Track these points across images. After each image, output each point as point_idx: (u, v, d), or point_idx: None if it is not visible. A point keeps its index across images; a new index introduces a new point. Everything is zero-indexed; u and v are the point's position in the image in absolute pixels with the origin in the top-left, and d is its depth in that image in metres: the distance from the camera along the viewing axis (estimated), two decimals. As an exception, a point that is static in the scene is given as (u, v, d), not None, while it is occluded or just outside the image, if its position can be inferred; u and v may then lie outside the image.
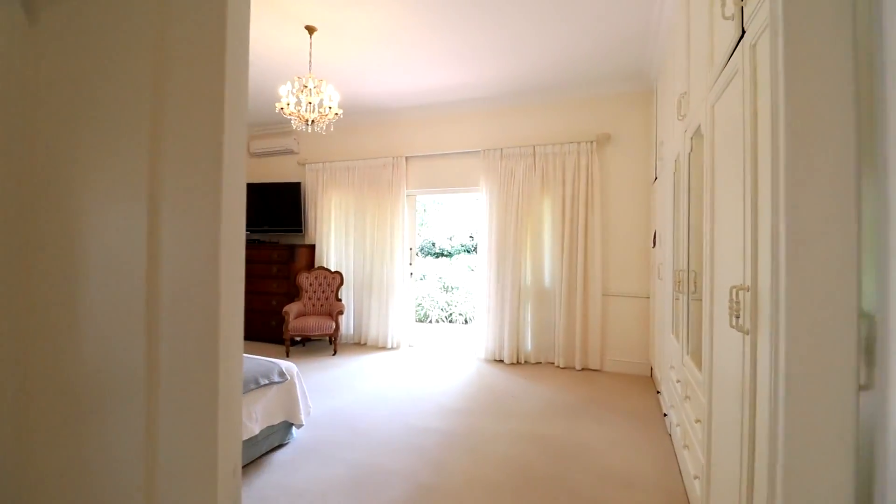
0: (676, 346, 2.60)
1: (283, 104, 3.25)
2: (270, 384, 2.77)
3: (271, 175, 6.42)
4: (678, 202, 2.78)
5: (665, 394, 3.19)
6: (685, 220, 2.39)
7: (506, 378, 4.35)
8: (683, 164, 2.43)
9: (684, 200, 2.39)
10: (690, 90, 2.32)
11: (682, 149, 2.47)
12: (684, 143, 2.42)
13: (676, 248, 2.72)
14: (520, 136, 5.01)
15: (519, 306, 4.88)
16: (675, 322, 2.75)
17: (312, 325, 5.09)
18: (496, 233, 4.99)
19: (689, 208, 2.35)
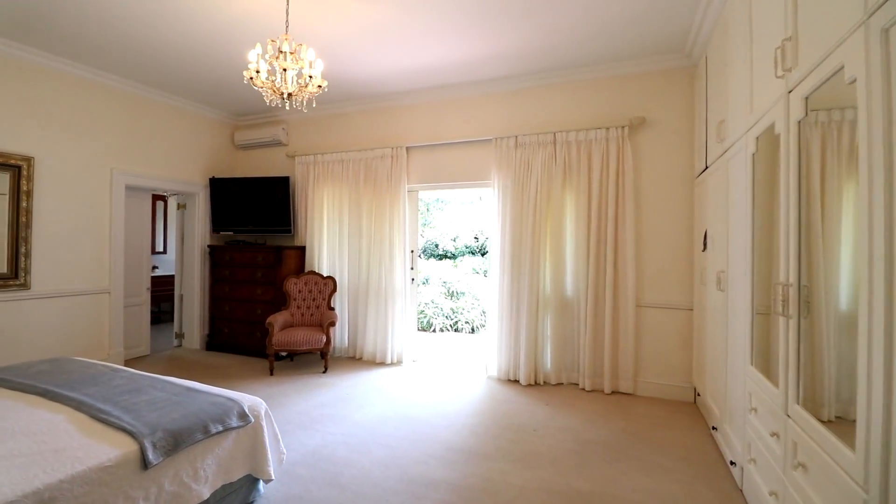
0: (770, 389, 1.93)
1: (252, 72, 2.59)
2: (227, 430, 2.11)
3: (258, 169, 5.78)
4: (767, 194, 2.12)
5: (736, 438, 2.52)
6: (792, 218, 1.72)
7: (524, 404, 3.68)
8: (789, 141, 1.76)
9: (792, 190, 1.72)
10: (802, 30, 1.66)
11: (784, 119, 1.80)
12: (789, 111, 1.75)
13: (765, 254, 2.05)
14: (538, 121, 4.34)
15: (537, 318, 4.21)
16: (764, 352, 2.08)
17: (300, 339, 4.44)
18: (510, 233, 4.32)
19: (800, 201, 1.68)
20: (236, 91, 4.81)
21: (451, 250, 10.57)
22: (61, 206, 4.14)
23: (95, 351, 4.42)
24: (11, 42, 3.67)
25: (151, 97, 4.87)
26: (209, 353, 5.34)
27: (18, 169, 3.81)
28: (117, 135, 4.59)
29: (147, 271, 5.33)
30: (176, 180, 5.22)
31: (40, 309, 4.00)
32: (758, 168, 2.22)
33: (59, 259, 4.13)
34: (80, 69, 4.17)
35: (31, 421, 1.96)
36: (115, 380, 2.52)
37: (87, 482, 1.59)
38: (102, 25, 3.41)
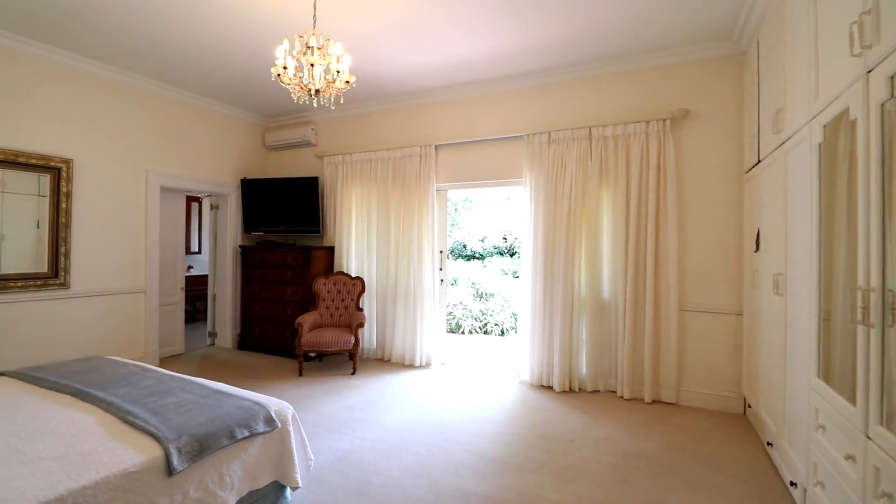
0: (845, 406, 1.71)
1: (280, 68, 2.54)
2: (253, 436, 2.05)
3: (288, 170, 5.81)
4: (834, 188, 1.90)
5: (797, 456, 2.29)
6: (874, 215, 1.51)
7: (558, 412, 3.51)
8: (869, 126, 1.55)
9: (874, 183, 1.52)
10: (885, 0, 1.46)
11: (862, 102, 1.59)
12: (870, 93, 1.55)
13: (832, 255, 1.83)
14: (572, 116, 4.16)
15: (571, 321, 4.02)
16: (833, 364, 1.86)
17: (329, 340, 4.41)
18: (542, 233, 4.15)
19: (884, 195, 1.48)
20: (267, 92, 4.83)
21: (479, 251, 10.42)
22: (99, 207, 4.24)
23: (131, 349, 4.51)
24: (52, 47, 3.77)
25: (185, 100, 4.95)
26: (241, 353, 5.40)
27: (58, 171, 3.92)
28: (152, 137, 4.68)
29: (181, 271, 5.43)
30: (209, 181, 5.30)
31: (79, 308, 4.11)
32: (825, 159, 2.00)
33: (97, 259, 4.23)
34: (117, 73, 4.27)
35: (61, 422, 1.96)
36: (146, 380, 2.52)
37: (111, 488, 1.55)
38: (137, 29, 3.45)
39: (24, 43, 3.63)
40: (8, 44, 3.57)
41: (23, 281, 3.75)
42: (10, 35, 3.53)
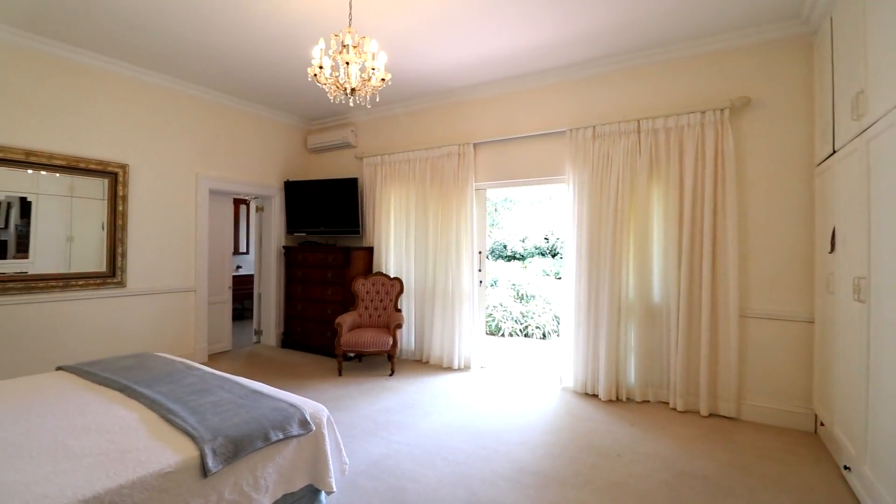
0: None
1: (316, 68, 2.52)
2: (287, 439, 2.03)
3: (328, 172, 5.89)
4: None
5: (884, 485, 2.00)
6: None
7: (604, 423, 3.31)
8: None
9: None
10: None
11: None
12: None
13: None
14: (618, 108, 3.93)
15: (619, 326, 3.79)
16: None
17: (367, 340, 4.40)
18: (587, 232, 3.95)
19: None
20: (307, 95, 4.90)
21: (519, 251, 10.21)
22: (152, 209, 4.44)
23: (182, 346, 4.70)
24: (108, 58, 3.98)
25: (231, 105, 5.11)
26: (284, 351, 5.51)
27: (115, 175, 4.13)
28: (201, 142, 4.86)
29: (229, 271, 5.62)
30: (254, 184, 5.45)
31: (134, 305, 4.31)
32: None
33: (150, 259, 4.43)
34: (167, 81, 4.46)
35: (106, 418, 2.01)
36: (189, 378, 2.56)
37: (146, 488, 1.55)
38: (183, 36, 3.57)
39: (83, 55, 3.85)
40: (69, 56, 3.80)
41: (84, 280, 3.97)
42: (70, 48, 3.75)
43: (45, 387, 2.44)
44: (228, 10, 3.16)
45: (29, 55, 3.58)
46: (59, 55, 3.74)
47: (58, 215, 3.87)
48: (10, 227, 3.64)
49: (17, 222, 3.67)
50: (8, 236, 3.63)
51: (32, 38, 3.54)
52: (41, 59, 3.65)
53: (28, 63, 3.58)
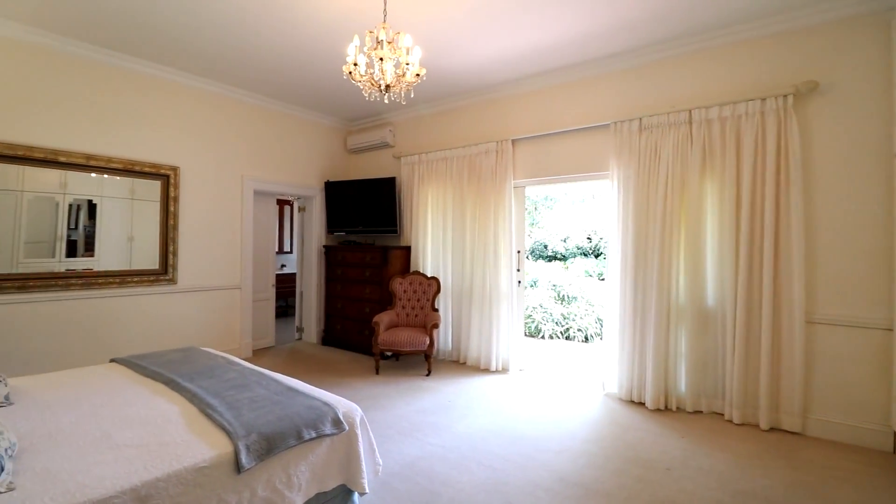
0: None
1: (350, 65, 2.51)
2: (320, 437, 2.01)
3: (367, 172, 5.94)
4: None
5: None
6: None
7: (652, 433, 3.11)
8: None
9: None
10: None
11: None
12: None
13: None
14: (668, 98, 3.69)
15: (668, 331, 3.56)
16: None
17: (404, 340, 4.39)
18: (633, 231, 3.74)
19: None
20: (346, 97, 4.95)
21: (560, 251, 9.92)
22: (200, 210, 4.62)
23: (228, 341, 4.87)
24: (160, 65, 4.18)
25: (274, 108, 5.25)
26: (324, 348, 5.61)
27: (167, 178, 4.33)
28: (246, 144, 5.02)
29: (272, 269, 5.78)
30: (296, 185, 5.58)
31: (184, 302, 4.51)
32: None
33: (199, 257, 4.62)
34: (214, 86, 4.63)
35: (150, 410, 2.07)
36: (229, 373, 2.62)
37: (182, 482, 1.57)
38: (227, 42, 3.67)
39: (137, 63, 4.05)
40: (123, 64, 4.01)
41: (139, 277, 4.19)
42: (124, 56, 3.96)
43: (99, 378, 2.56)
44: (269, 15, 3.22)
45: (87, 65, 3.81)
46: (115, 64, 3.95)
47: (120, 216, 4.11)
48: (79, 227, 3.89)
49: (86, 223, 3.92)
50: (77, 236, 3.88)
51: (90, 49, 3.76)
52: (98, 68, 3.88)
53: (86, 72, 3.81)
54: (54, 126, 3.65)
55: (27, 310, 3.55)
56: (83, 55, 3.76)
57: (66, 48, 3.66)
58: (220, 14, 3.24)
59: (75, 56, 3.73)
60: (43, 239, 3.71)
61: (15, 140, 3.46)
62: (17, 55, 3.46)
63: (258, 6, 3.13)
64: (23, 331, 3.53)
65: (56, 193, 3.75)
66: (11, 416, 1.93)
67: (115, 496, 1.42)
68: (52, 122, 3.64)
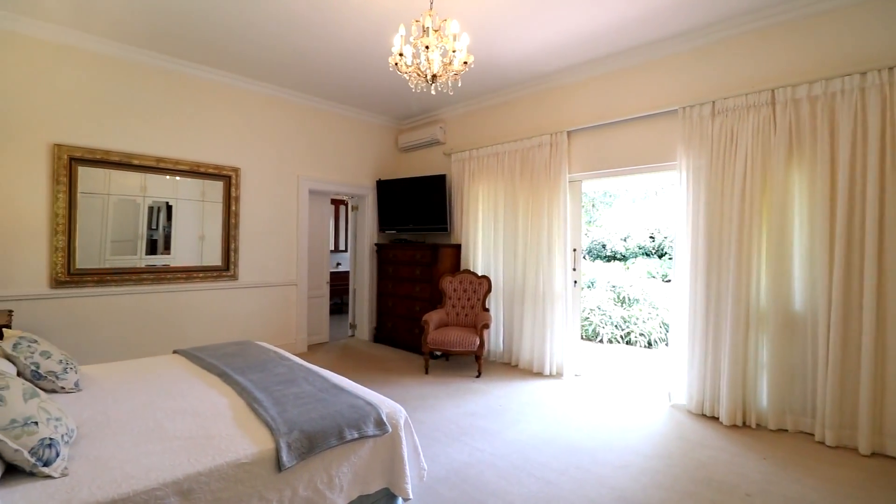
0: None
1: (396, 56, 2.44)
2: (362, 438, 1.95)
3: (418, 170, 5.91)
4: None
5: None
6: None
7: (727, 452, 2.78)
8: None
9: None
10: None
11: None
12: None
13: None
14: (746, 77, 3.31)
15: (746, 337, 3.19)
16: None
17: (453, 339, 4.29)
18: (704, 227, 3.39)
19: None
20: (397, 95, 4.94)
21: (620, 251, 9.40)
22: (259, 209, 4.79)
23: (284, 336, 5.01)
24: (219, 70, 4.36)
25: (328, 109, 5.35)
26: (375, 345, 5.64)
27: (229, 178, 4.52)
28: (302, 145, 5.15)
29: (327, 267, 5.90)
30: (349, 184, 5.66)
31: (244, 297, 4.69)
32: None
33: (258, 254, 4.79)
34: (271, 89, 4.78)
35: (202, 402, 2.11)
36: (279, 368, 2.64)
37: (223, 477, 1.56)
38: (283, 45, 3.75)
39: (199, 69, 4.26)
40: (186, 70, 4.23)
41: (203, 272, 4.41)
42: (188, 63, 4.17)
43: (161, 368, 2.67)
44: (318, 15, 3.24)
45: (154, 73, 4.05)
46: (179, 71, 4.18)
47: (192, 217, 4.36)
48: (158, 227, 4.18)
49: (164, 223, 4.20)
50: (157, 235, 4.17)
51: (156, 57, 3.99)
52: (165, 75, 4.11)
53: (154, 80, 4.05)
54: (127, 131, 3.91)
55: (104, 302, 3.83)
56: (150, 64, 4.00)
57: (135, 58, 3.91)
58: (272, 19, 3.31)
59: (144, 65, 3.98)
60: (127, 237, 4.01)
61: (94, 145, 3.74)
62: (94, 66, 3.73)
63: (307, 8, 3.16)
64: (99, 321, 3.81)
65: (137, 196, 4.04)
66: (77, 402, 2.04)
67: (158, 488, 1.42)
68: (125, 127, 3.91)
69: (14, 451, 1.33)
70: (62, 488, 1.33)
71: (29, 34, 3.41)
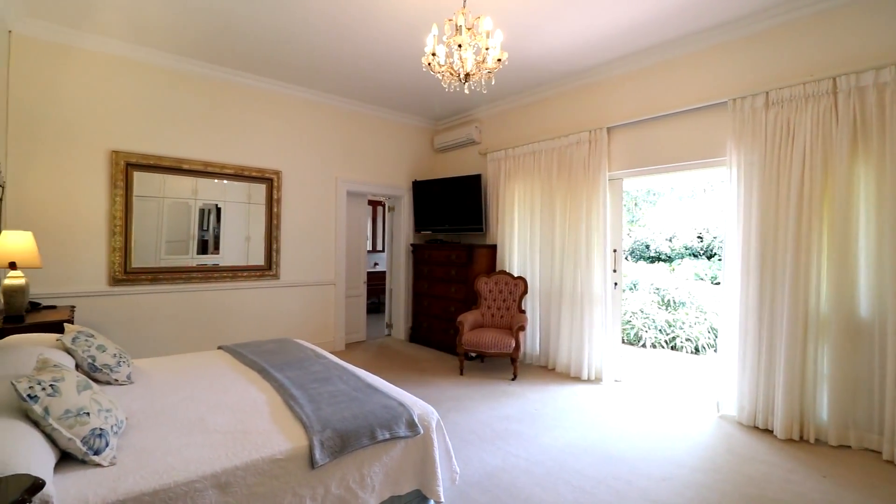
0: None
1: (429, 56, 2.43)
2: (394, 439, 1.95)
3: (453, 170, 5.90)
4: None
5: None
6: None
7: (782, 468, 2.59)
8: None
9: None
10: None
11: None
12: None
13: None
14: (803, 64, 3.07)
15: (805, 346, 2.96)
16: None
17: (488, 341, 4.24)
18: (757, 226, 3.18)
19: None
20: (432, 96, 4.95)
21: (665, 252, 9.02)
22: (299, 210, 4.93)
23: (323, 334, 5.13)
24: (261, 77, 4.52)
25: (365, 111, 5.43)
26: (411, 345, 5.67)
27: (271, 181, 4.68)
28: (340, 147, 5.26)
29: (364, 266, 5.99)
30: (386, 185, 5.72)
31: (285, 296, 4.84)
32: None
33: (298, 255, 4.93)
34: (309, 93, 4.91)
35: (242, 397, 2.18)
36: (315, 366, 2.69)
37: (258, 472, 1.59)
38: (320, 50, 3.83)
39: (242, 76, 4.43)
40: (232, 79, 4.40)
41: (247, 272, 4.58)
42: (231, 71, 4.34)
43: (206, 363, 2.79)
44: (352, 20, 3.28)
45: (201, 81, 4.24)
46: (223, 78, 4.35)
47: (239, 218, 4.56)
48: (209, 228, 4.40)
49: (214, 225, 4.42)
50: (208, 236, 4.39)
51: (202, 65, 4.18)
52: (210, 83, 4.30)
53: (201, 88, 4.24)
54: (177, 137, 4.12)
55: (156, 299, 4.05)
56: (198, 73, 4.19)
57: (184, 67, 4.11)
58: (310, 26, 3.39)
59: (192, 74, 4.18)
60: (180, 238, 4.24)
61: (147, 151, 3.96)
62: (146, 76, 3.96)
63: (342, 14, 3.21)
64: (151, 318, 4.03)
65: (189, 198, 4.26)
66: (128, 394, 2.16)
67: (197, 480, 1.47)
68: (175, 133, 4.12)
69: (68, 440, 1.41)
70: (109, 476, 1.40)
71: (88, 48, 3.66)
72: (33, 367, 1.63)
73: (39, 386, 1.45)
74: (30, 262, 2.83)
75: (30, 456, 1.25)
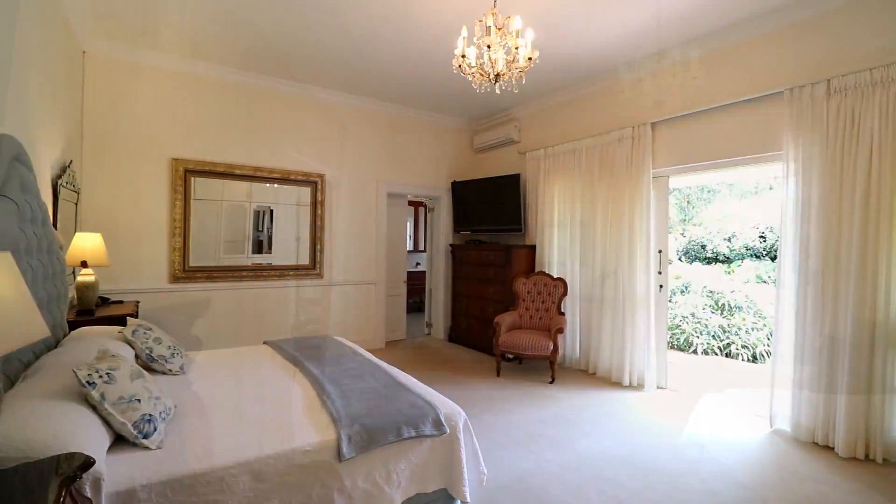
0: None
1: (459, 58, 2.44)
2: (420, 437, 1.98)
3: (492, 170, 5.87)
4: None
5: None
6: None
7: (842, 490, 2.37)
8: None
9: None
10: None
11: None
12: None
13: None
14: (870, 48, 2.79)
15: (871, 355, 2.70)
16: None
17: (525, 342, 4.19)
18: (816, 225, 2.94)
19: None
20: (470, 96, 4.95)
21: (724, 252, 8.50)
22: (342, 212, 5.10)
23: (364, 332, 5.28)
24: (304, 84, 4.71)
25: (405, 114, 5.53)
26: (449, 345, 5.71)
27: (315, 184, 4.87)
28: (380, 149, 5.38)
29: (404, 266, 6.10)
30: (425, 186, 5.80)
31: (328, 294, 5.02)
32: None
33: (340, 255, 5.10)
34: (350, 98, 5.06)
35: (280, 390, 2.29)
36: (351, 362, 2.78)
37: (290, 463, 1.67)
38: (358, 53, 3.95)
39: (286, 84, 4.64)
40: (277, 87, 4.63)
41: (293, 270, 4.80)
42: (276, 79, 4.57)
43: (251, 357, 2.96)
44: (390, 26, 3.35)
45: (250, 90, 4.49)
46: (269, 87, 4.58)
47: (289, 220, 4.82)
48: (263, 230, 4.68)
49: (267, 226, 4.69)
50: (262, 237, 4.67)
51: (252, 76, 4.43)
52: (258, 92, 4.54)
53: (250, 96, 4.50)
54: (229, 144, 4.40)
55: (210, 296, 4.34)
56: (247, 83, 4.45)
57: (235, 78, 4.37)
58: (350, 33, 3.51)
59: (242, 84, 4.43)
60: (237, 238, 4.54)
61: (203, 157, 4.25)
62: (202, 88, 4.24)
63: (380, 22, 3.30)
64: (205, 313, 4.31)
65: (244, 202, 4.55)
66: (180, 383, 2.33)
67: (233, 467, 1.57)
68: (228, 141, 4.39)
69: (120, 424, 1.55)
70: (154, 459, 1.52)
71: (150, 64, 3.97)
72: (93, 357, 1.80)
73: (97, 373, 1.60)
74: (98, 261, 3.12)
75: (86, 437, 1.39)
